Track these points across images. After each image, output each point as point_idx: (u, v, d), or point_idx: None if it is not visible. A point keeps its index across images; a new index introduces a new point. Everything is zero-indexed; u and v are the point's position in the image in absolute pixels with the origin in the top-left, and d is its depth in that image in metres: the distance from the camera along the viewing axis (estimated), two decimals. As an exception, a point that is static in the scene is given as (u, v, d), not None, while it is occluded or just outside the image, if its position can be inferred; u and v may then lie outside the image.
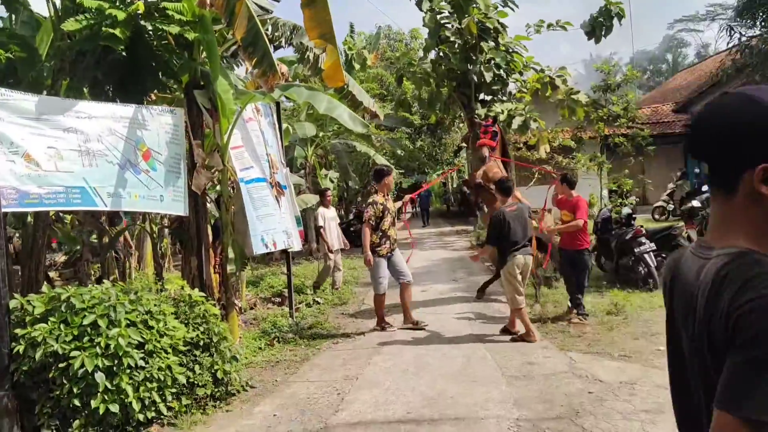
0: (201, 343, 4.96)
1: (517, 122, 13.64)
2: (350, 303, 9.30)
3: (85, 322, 4.29)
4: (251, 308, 8.95)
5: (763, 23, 12.58)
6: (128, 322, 4.51)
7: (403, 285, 7.23)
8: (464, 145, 20.02)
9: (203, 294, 5.15)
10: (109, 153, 5.37)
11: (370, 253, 7.00)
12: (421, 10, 13.94)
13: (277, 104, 7.67)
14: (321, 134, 13.97)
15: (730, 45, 13.18)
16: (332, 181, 11.22)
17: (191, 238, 6.62)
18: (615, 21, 13.37)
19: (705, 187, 12.45)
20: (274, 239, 6.68)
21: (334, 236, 10.19)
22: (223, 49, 7.25)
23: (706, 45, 47.38)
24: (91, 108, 5.39)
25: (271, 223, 6.71)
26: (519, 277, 6.43)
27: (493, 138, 8.70)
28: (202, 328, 5.01)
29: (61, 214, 10.44)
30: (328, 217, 10.15)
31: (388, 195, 7.29)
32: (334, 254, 10.11)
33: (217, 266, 6.82)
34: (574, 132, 17.69)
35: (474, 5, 13.31)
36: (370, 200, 7.07)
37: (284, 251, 8.38)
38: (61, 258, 12.18)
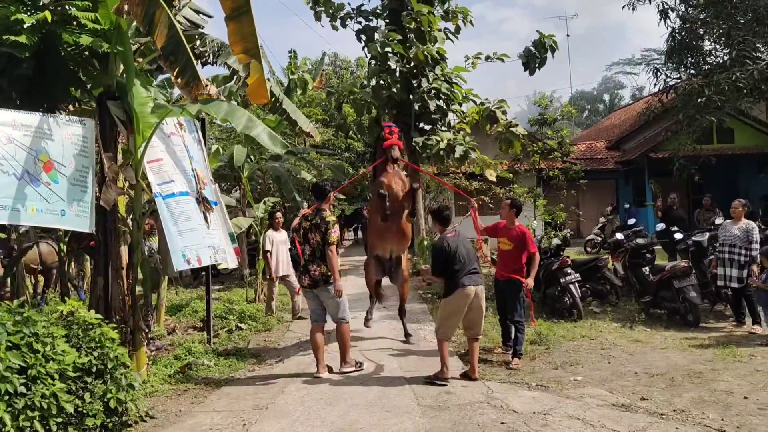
0: (94, 369, 4.59)
1: (458, 151, 13.76)
2: (275, 330, 9.00)
3: (-44, 344, 3.90)
4: (169, 334, 8.53)
5: (688, 67, 13.27)
6: (10, 344, 4.13)
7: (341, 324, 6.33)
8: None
9: (99, 317, 4.80)
10: (5, 163, 5.02)
11: (340, 281, 6.17)
12: (369, 52, 14.08)
13: (202, 121, 7.45)
14: (257, 157, 13.70)
15: (657, 87, 13.80)
16: (265, 204, 10.92)
17: (99, 256, 6.27)
18: (549, 54, 13.81)
19: (632, 221, 12.85)
20: (198, 255, 6.35)
21: (283, 261, 9.69)
22: (147, 60, 7.01)
23: (641, 87, 49.93)
24: (-11, 115, 5.05)
25: (195, 238, 6.39)
26: (462, 313, 5.85)
27: (399, 139, 7.81)
28: (96, 353, 4.65)
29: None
30: (277, 241, 9.67)
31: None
32: (281, 280, 9.73)
33: (127, 288, 6.45)
34: (511, 164, 18.13)
35: (429, 34, 13.56)
36: (327, 218, 6.14)
37: (212, 273, 8.06)
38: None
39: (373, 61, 14.38)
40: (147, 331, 6.89)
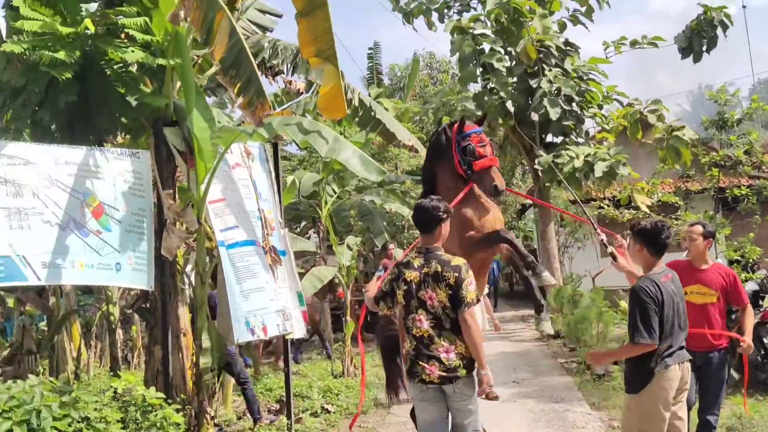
0: (155, 462, 4.76)
1: (600, 168, 13.30)
2: (370, 413, 8.97)
3: (-3, 432, 4.15)
4: (239, 418, 8.71)
5: None
6: (57, 431, 4.36)
7: None
8: (528, 202, 19.85)
9: (162, 396, 4.98)
10: (46, 211, 5.40)
11: (487, 367, 4.82)
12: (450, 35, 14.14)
13: (275, 146, 7.69)
14: (339, 190, 13.98)
15: None
16: (350, 249, 11.07)
17: (156, 321, 6.53)
18: (719, 32, 13.28)
19: None
20: (264, 322, 6.49)
21: (479, 313, 9.18)
22: (206, 76, 7.37)
23: None
24: (28, 152, 5.49)
25: (261, 300, 6.54)
26: (669, 407, 4.61)
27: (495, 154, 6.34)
28: (158, 443, 4.82)
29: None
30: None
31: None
32: None
33: (190, 359, 6.67)
34: (678, 183, 17.33)
35: (528, 24, 13.45)
36: (453, 261, 4.63)
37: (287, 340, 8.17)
38: (3, 351, 12.26)
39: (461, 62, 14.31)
40: (211, 415, 7.04)
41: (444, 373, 4.46)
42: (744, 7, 18.89)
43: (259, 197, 7.12)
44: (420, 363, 4.54)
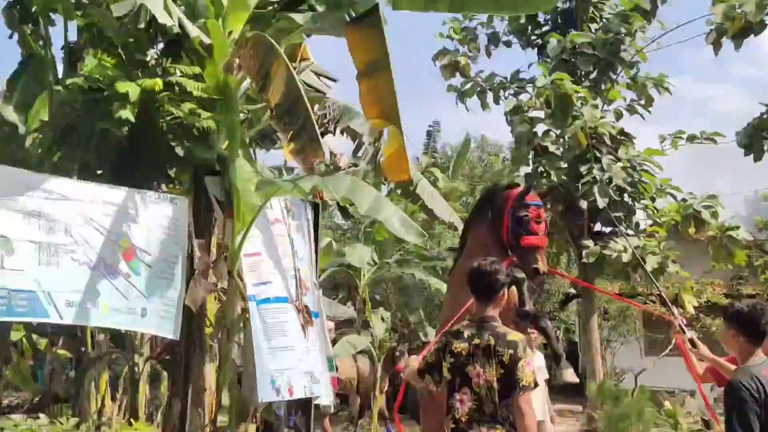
0: None
1: (652, 263, 12.84)
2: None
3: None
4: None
5: None
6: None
7: None
8: (573, 291, 19.30)
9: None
10: (77, 249, 5.35)
11: None
12: (507, 117, 14.13)
13: (316, 206, 7.56)
14: (380, 261, 13.81)
15: None
16: (384, 320, 10.83)
17: (179, 374, 6.34)
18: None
19: None
20: (290, 382, 6.23)
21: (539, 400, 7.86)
22: (255, 131, 7.38)
23: None
24: (66, 187, 5.47)
25: (289, 360, 6.31)
26: None
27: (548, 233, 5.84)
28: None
29: (32, 336, 10.51)
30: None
31: None
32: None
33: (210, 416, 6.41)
34: (730, 284, 16.75)
35: (578, 111, 13.34)
36: (510, 336, 4.03)
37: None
38: (35, 398, 12.10)
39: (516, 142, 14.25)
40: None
41: None
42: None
43: (296, 256, 6.98)
44: None
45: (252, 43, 5.82)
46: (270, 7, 6.82)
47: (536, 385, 3.98)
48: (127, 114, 5.77)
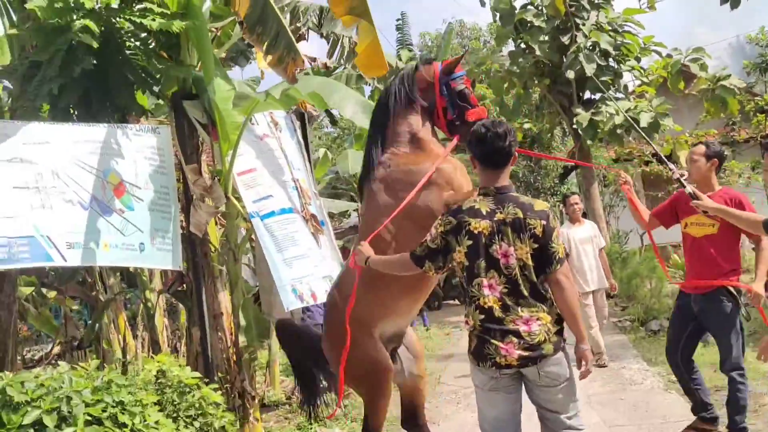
0: (196, 444, 4.52)
1: (645, 119, 12.71)
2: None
3: (26, 421, 3.92)
4: (288, 398, 8.49)
5: None
6: (90, 418, 4.12)
7: None
8: (571, 164, 19.28)
9: (197, 375, 4.74)
10: (67, 189, 5.18)
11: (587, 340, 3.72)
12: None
13: (301, 115, 7.36)
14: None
15: None
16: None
17: (192, 303, 6.33)
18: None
19: None
20: (312, 288, 6.16)
21: (591, 268, 8.27)
22: (225, 48, 7.10)
23: None
24: (47, 131, 5.26)
25: (306, 267, 6.21)
26: None
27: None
28: (197, 424, 4.59)
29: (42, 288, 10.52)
30: (579, 239, 8.32)
31: None
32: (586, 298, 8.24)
33: (230, 339, 6.43)
34: (723, 132, 16.71)
35: None
36: (537, 206, 3.60)
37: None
38: (55, 349, 12.24)
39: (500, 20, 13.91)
40: (258, 395, 6.81)
41: (525, 353, 3.40)
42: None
43: (292, 167, 6.83)
44: (493, 341, 3.43)
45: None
46: None
47: (567, 255, 3.72)
48: (88, 23, 5.35)
